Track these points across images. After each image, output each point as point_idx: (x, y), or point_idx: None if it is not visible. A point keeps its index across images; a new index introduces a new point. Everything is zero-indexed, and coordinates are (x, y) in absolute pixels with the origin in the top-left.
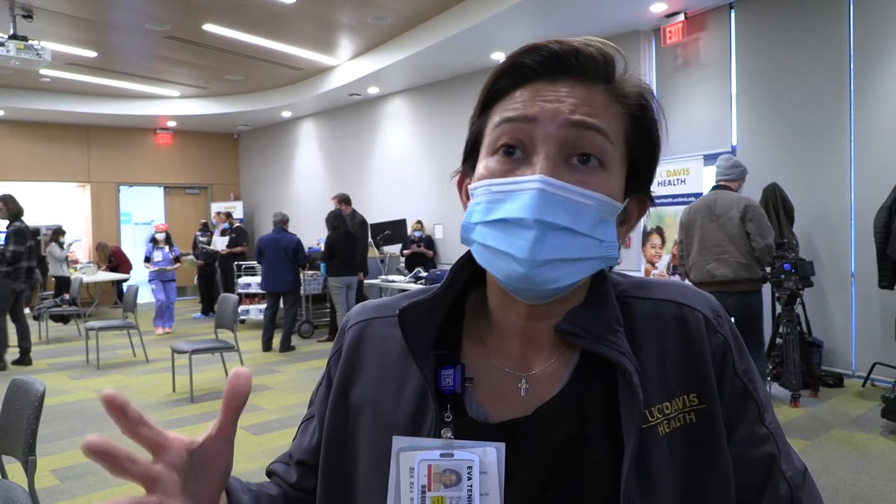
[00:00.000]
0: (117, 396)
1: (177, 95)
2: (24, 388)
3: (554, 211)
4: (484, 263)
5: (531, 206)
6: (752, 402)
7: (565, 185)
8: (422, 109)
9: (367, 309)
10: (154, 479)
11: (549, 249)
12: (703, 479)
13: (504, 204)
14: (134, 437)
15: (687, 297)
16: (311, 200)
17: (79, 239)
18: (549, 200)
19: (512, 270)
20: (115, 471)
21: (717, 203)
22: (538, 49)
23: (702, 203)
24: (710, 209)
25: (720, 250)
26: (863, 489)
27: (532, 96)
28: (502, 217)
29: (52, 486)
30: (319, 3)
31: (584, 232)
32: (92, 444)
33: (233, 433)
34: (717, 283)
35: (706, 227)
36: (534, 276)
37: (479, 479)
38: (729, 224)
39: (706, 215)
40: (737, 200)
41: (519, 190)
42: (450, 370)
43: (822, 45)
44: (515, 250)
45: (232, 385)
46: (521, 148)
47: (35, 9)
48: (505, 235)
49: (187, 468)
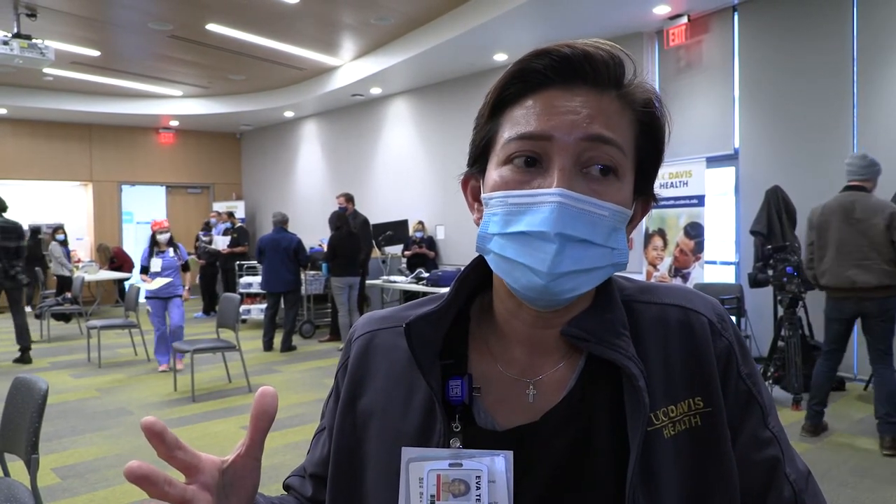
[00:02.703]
0: (157, 423)
1: (179, 95)
2: (27, 387)
3: (573, 224)
4: (501, 273)
5: (552, 219)
6: (755, 405)
7: (583, 198)
8: (424, 110)
9: (373, 320)
10: (189, 500)
11: (568, 262)
12: (708, 482)
13: (524, 217)
14: (170, 461)
15: (691, 302)
16: (312, 200)
17: (81, 238)
18: (568, 213)
19: (532, 282)
20: (154, 493)
21: (856, 206)
22: (549, 53)
23: (837, 205)
24: (847, 212)
25: (861, 256)
26: (864, 493)
27: (546, 108)
28: (522, 230)
29: (53, 485)
30: (322, 4)
31: (599, 242)
32: (133, 471)
33: (260, 452)
34: (857, 289)
35: (843, 230)
36: (552, 287)
37: (488, 489)
38: (872, 230)
39: (843, 218)
40: (881, 207)
41: (538, 203)
42: (458, 381)
43: (825, 47)
44: (536, 263)
45: (259, 404)
46: (537, 159)
47: (39, 8)
48: (525, 248)
49: (219, 488)
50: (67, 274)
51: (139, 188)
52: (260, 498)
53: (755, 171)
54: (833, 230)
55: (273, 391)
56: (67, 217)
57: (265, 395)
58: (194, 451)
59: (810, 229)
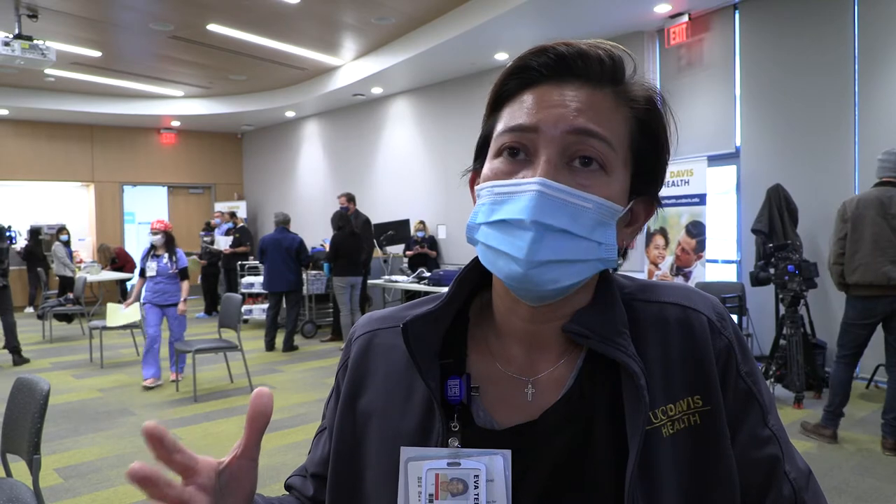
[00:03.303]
0: (157, 428)
1: (181, 95)
2: (29, 387)
3: (552, 213)
4: (486, 263)
5: (529, 207)
6: (755, 403)
7: (564, 188)
8: (425, 110)
9: (373, 320)
10: (187, 501)
11: (546, 251)
12: (708, 481)
13: (505, 205)
14: (168, 464)
15: (691, 300)
16: (314, 200)
17: (83, 238)
18: (548, 202)
19: (511, 270)
20: (154, 495)
21: (892, 202)
22: (545, 51)
23: (874, 198)
24: (884, 207)
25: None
26: (866, 491)
27: (537, 101)
28: (503, 218)
29: (55, 485)
30: (323, 4)
31: (581, 234)
32: (136, 472)
33: (257, 453)
34: (892, 286)
35: (880, 225)
36: (532, 276)
37: (486, 488)
38: None
39: (880, 213)
40: None
41: (519, 192)
42: (456, 380)
43: (827, 46)
44: (514, 251)
45: (255, 405)
46: (525, 151)
47: (40, 8)
48: (505, 236)
49: (216, 489)
50: (70, 274)
51: (141, 189)
52: (258, 498)
53: (756, 170)
54: (869, 224)
55: (268, 392)
56: (69, 218)
57: (261, 395)
58: (191, 454)
59: (843, 222)
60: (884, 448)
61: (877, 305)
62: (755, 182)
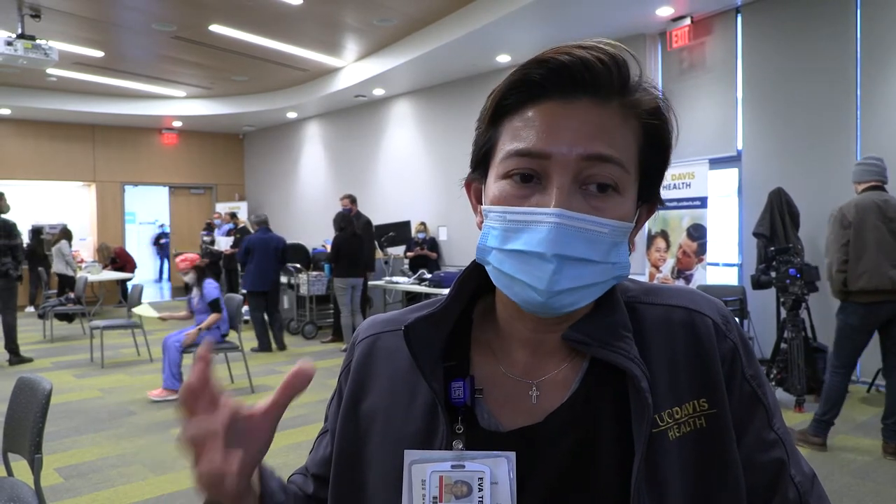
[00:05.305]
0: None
1: (182, 96)
2: (31, 387)
3: (571, 243)
4: (500, 286)
5: (549, 240)
6: (760, 406)
7: (581, 217)
8: (427, 111)
9: (376, 323)
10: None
11: (566, 280)
12: (714, 484)
13: (521, 235)
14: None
15: (696, 303)
16: (315, 201)
17: (84, 238)
18: (566, 233)
19: (530, 298)
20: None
21: (888, 206)
22: (547, 62)
23: (871, 203)
24: (882, 211)
25: None
26: (867, 495)
27: (545, 123)
28: (520, 248)
29: (56, 484)
30: (325, 5)
31: (599, 259)
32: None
33: (279, 414)
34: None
35: (881, 229)
36: (552, 303)
37: (490, 490)
38: None
39: (880, 217)
40: None
41: (535, 222)
42: (459, 383)
43: (829, 50)
44: (534, 281)
45: (297, 373)
46: (536, 176)
47: (43, 8)
48: (523, 266)
49: (229, 430)
50: (71, 273)
51: (142, 189)
52: (266, 466)
53: (758, 173)
54: (871, 229)
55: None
56: (70, 217)
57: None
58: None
59: (845, 228)
60: (884, 452)
61: (881, 310)
62: (757, 185)
